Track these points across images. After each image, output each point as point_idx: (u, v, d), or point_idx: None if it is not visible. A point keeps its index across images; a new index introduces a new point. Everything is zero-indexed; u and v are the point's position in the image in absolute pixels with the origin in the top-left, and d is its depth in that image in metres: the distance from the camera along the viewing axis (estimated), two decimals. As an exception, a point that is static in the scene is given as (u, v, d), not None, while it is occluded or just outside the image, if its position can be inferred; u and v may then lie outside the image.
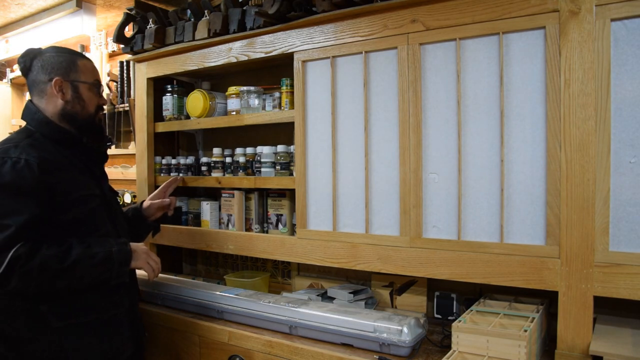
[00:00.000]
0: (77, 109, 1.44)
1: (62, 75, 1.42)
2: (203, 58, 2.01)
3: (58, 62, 1.42)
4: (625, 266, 1.19)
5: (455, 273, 1.43)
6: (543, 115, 1.31)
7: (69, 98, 1.43)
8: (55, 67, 1.42)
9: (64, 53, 1.45)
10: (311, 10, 1.69)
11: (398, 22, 1.51)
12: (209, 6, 1.97)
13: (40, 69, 1.42)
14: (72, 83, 1.43)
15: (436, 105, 1.47)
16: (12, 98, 3.64)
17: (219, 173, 2.08)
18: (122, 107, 2.87)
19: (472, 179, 1.42)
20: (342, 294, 1.72)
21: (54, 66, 1.42)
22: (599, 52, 1.22)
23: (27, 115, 1.44)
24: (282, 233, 1.95)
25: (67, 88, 1.43)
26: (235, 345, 1.60)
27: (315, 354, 1.44)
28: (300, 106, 1.74)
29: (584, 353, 1.22)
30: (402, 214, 1.52)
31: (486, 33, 1.38)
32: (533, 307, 1.42)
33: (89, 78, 1.47)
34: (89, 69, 1.48)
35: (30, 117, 1.43)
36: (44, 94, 1.43)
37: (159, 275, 1.53)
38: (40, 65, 1.42)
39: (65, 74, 1.43)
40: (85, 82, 1.45)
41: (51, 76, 1.41)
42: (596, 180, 1.23)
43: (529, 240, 1.34)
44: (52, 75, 1.41)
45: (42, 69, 1.42)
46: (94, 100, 1.48)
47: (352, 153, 1.63)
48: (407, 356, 1.37)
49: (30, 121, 1.43)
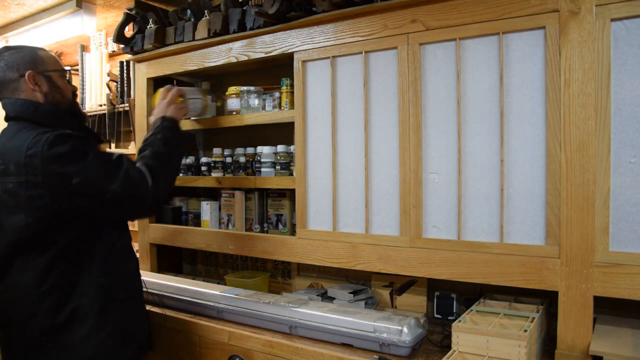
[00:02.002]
0: (57, 99, 1.42)
1: (32, 68, 1.38)
2: (203, 58, 2.01)
3: (21, 57, 1.38)
4: (625, 266, 1.19)
5: (455, 273, 1.43)
6: (543, 115, 1.31)
7: (46, 90, 1.40)
8: (21, 63, 1.38)
9: (21, 49, 1.41)
10: (311, 10, 1.69)
11: (398, 22, 1.51)
12: (209, 6, 1.97)
13: (4, 68, 1.37)
14: (43, 74, 1.40)
15: (436, 106, 1.47)
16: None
17: (219, 173, 2.08)
18: (122, 107, 2.87)
19: (472, 179, 1.42)
20: (342, 294, 1.72)
21: (19, 62, 1.38)
22: (599, 52, 1.22)
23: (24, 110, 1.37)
24: (282, 233, 1.95)
25: (41, 80, 1.40)
26: (235, 345, 1.60)
27: (315, 354, 1.44)
28: (300, 106, 1.74)
29: (584, 353, 1.22)
30: (402, 214, 1.52)
31: (486, 33, 1.38)
32: (533, 307, 1.42)
33: (57, 66, 1.45)
34: (52, 58, 1.46)
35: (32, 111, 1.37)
36: (18, 91, 1.38)
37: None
38: (3, 64, 1.37)
39: (34, 67, 1.39)
40: (56, 70, 1.44)
41: (21, 72, 1.37)
42: (596, 180, 1.23)
43: (529, 240, 1.34)
44: (21, 70, 1.37)
45: (7, 68, 1.37)
46: (68, 87, 1.48)
47: (352, 153, 1.63)
48: (407, 356, 1.37)
49: (30, 116, 1.36)
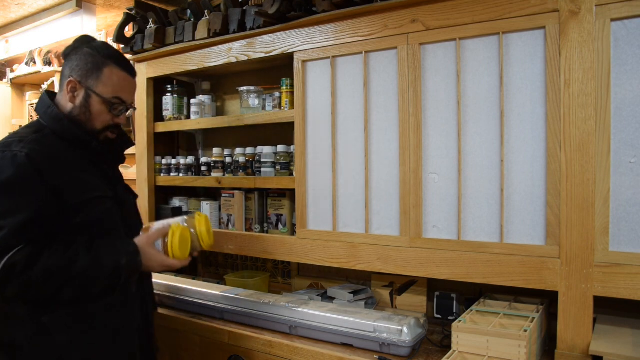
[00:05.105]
0: (82, 119, 1.29)
1: (81, 77, 1.28)
2: (203, 58, 2.01)
3: (86, 62, 1.28)
4: (625, 266, 1.19)
5: (455, 273, 1.43)
6: (543, 115, 1.31)
7: (77, 104, 1.29)
8: (80, 66, 1.28)
9: (100, 54, 1.29)
10: (311, 10, 1.69)
11: (398, 22, 1.51)
12: (209, 6, 1.97)
13: (70, 61, 1.30)
14: (87, 90, 1.28)
15: (436, 105, 1.47)
16: (12, 98, 3.64)
17: (219, 173, 2.08)
18: (122, 107, 2.86)
19: (472, 179, 1.42)
20: (342, 294, 1.72)
21: (79, 64, 1.28)
22: (599, 52, 1.22)
23: (40, 108, 1.31)
24: (282, 233, 1.95)
25: (80, 93, 1.29)
26: (235, 345, 1.60)
27: (315, 354, 1.44)
28: (300, 106, 1.74)
29: (584, 353, 1.22)
30: (402, 214, 1.52)
31: (486, 33, 1.38)
32: (533, 307, 1.42)
33: (107, 92, 1.29)
34: (114, 82, 1.30)
35: (43, 110, 1.29)
36: (61, 89, 1.31)
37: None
38: (74, 57, 1.30)
39: (84, 78, 1.28)
40: (99, 96, 1.28)
41: (71, 74, 1.28)
42: (596, 180, 1.23)
43: (529, 240, 1.34)
44: (72, 73, 1.28)
45: (70, 63, 1.30)
46: (105, 117, 1.31)
47: (352, 153, 1.63)
48: (407, 356, 1.37)
49: (42, 115, 1.29)
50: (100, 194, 1.28)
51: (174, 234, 1.30)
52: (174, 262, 1.31)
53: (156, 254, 1.29)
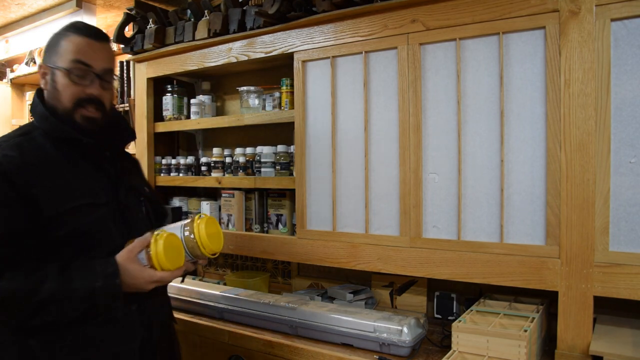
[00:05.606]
0: (54, 102, 1.14)
1: (45, 59, 1.14)
2: (203, 58, 2.01)
3: (49, 43, 1.15)
4: (625, 266, 1.19)
5: (455, 273, 1.43)
6: (543, 116, 1.31)
7: (48, 87, 1.14)
8: (45, 50, 1.15)
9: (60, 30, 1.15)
10: (311, 10, 1.69)
11: (398, 22, 1.51)
12: (209, 6, 1.97)
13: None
14: (51, 69, 1.13)
15: (436, 105, 1.47)
16: (12, 98, 3.64)
17: (219, 173, 2.08)
18: (122, 107, 2.86)
19: (472, 179, 1.42)
20: (342, 294, 1.72)
21: (45, 49, 1.15)
22: (599, 52, 1.22)
23: (32, 108, 1.19)
24: (282, 233, 1.95)
25: (47, 74, 1.14)
26: (235, 345, 1.60)
27: (315, 354, 1.44)
28: (300, 106, 1.74)
29: (584, 353, 1.22)
30: (402, 214, 1.52)
31: (486, 33, 1.38)
32: (533, 307, 1.42)
33: (66, 60, 1.11)
34: (71, 48, 1.11)
35: (34, 110, 1.17)
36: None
37: None
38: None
39: (47, 58, 1.14)
40: (60, 68, 1.11)
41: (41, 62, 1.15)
42: (596, 180, 1.23)
43: (529, 240, 1.34)
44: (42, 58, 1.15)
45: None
46: (71, 89, 1.12)
47: (352, 153, 1.63)
48: (407, 356, 1.37)
49: (34, 115, 1.17)
50: (89, 201, 1.11)
51: (157, 242, 1.09)
52: (163, 275, 1.09)
53: (140, 269, 1.08)
